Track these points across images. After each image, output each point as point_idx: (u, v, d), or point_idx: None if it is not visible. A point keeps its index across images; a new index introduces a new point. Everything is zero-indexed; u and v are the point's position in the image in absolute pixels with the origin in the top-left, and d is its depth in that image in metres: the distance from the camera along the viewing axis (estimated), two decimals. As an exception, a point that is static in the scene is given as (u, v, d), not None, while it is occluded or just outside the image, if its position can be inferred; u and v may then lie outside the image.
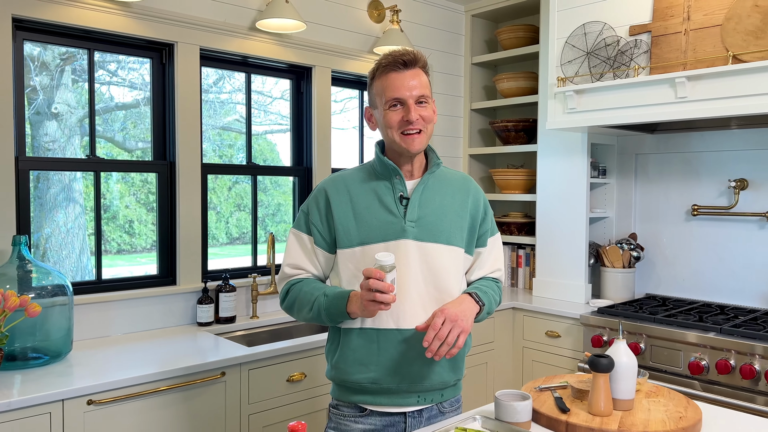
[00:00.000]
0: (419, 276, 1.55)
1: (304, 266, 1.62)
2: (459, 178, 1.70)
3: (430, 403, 1.60)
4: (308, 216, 1.62)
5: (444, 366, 1.58)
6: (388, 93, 1.54)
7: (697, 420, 1.49)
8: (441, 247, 1.58)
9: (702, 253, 3.13)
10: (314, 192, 1.65)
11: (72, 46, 2.46)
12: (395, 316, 1.53)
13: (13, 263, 2.09)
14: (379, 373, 1.54)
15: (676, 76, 2.51)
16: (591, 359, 1.52)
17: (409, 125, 1.53)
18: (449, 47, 3.81)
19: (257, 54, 2.89)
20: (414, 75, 1.54)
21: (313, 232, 1.61)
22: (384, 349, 1.54)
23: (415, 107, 1.54)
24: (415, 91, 1.54)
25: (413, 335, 1.54)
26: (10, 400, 1.72)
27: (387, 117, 1.55)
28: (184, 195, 2.67)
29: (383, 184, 1.60)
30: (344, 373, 1.57)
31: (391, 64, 1.54)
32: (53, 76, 2.46)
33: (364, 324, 1.55)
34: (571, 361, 3.01)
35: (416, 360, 1.54)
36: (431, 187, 1.62)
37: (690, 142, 3.17)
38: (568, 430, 1.48)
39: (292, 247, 1.63)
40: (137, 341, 2.39)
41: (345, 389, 1.61)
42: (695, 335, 2.54)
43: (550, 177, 3.39)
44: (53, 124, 2.46)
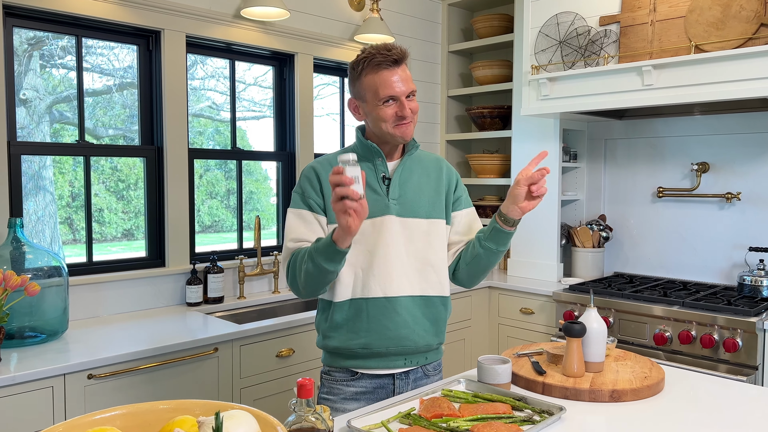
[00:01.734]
0: (402, 248, 1.68)
1: (306, 237, 1.66)
2: (433, 159, 1.82)
3: (416, 365, 1.72)
4: (303, 194, 1.70)
5: (428, 330, 1.71)
6: (383, 91, 1.62)
7: (660, 379, 1.64)
8: (421, 221, 1.71)
9: (666, 233, 3.31)
10: (304, 174, 1.73)
11: (60, 32, 2.50)
12: (383, 286, 1.65)
13: (9, 245, 2.15)
14: (368, 339, 1.66)
15: (643, 64, 2.66)
16: (565, 325, 1.66)
17: (403, 120, 1.64)
18: (427, 35, 3.91)
19: (241, 41, 2.95)
20: (403, 71, 1.64)
21: (312, 206, 1.68)
22: (373, 316, 1.65)
23: (407, 102, 1.64)
24: (406, 87, 1.64)
25: (400, 302, 1.67)
26: (15, 374, 1.79)
27: (381, 112, 1.64)
28: (172, 179, 2.74)
29: (366, 165, 1.70)
30: (336, 340, 1.68)
31: (383, 62, 1.61)
32: (21, 61, 2.45)
33: (355, 295, 1.66)
34: (544, 336, 3.17)
35: (403, 325, 1.67)
36: (409, 168, 1.74)
37: (656, 128, 3.33)
38: (544, 390, 1.62)
39: (293, 224, 1.69)
40: (130, 320, 2.47)
41: (336, 355, 1.71)
42: (660, 309, 2.72)
43: (524, 161, 3.53)
44: (21, 110, 2.46)
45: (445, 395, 1.55)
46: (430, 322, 1.72)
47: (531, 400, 1.49)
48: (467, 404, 1.48)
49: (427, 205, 1.73)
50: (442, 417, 1.40)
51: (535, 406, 1.47)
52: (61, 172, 2.64)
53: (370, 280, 1.65)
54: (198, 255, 2.93)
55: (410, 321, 1.67)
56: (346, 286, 1.67)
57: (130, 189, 2.79)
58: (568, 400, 1.58)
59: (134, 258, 2.72)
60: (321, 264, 1.52)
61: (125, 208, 2.79)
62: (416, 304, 1.69)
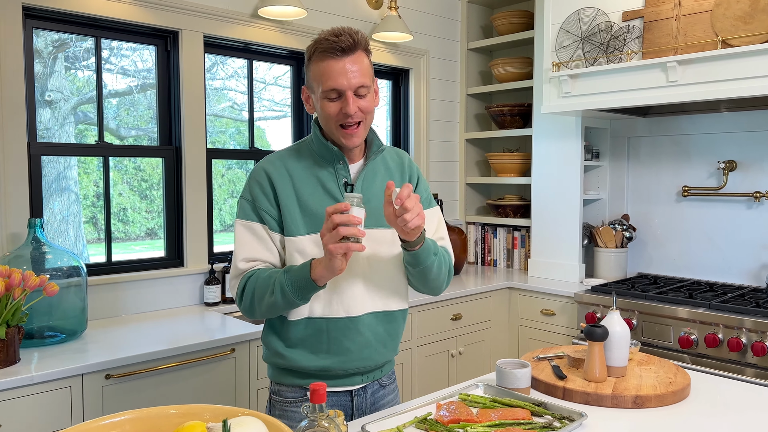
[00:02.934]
0: (366, 262, 1.52)
1: (260, 257, 1.49)
2: (394, 155, 1.65)
3: (372, 380, 1.60)
4: (255, 203, 1.50)
5: (388, 346, 1.58)
6: (326, 82, 1.42)
7: (686, 384, 1.59)
8: (386, 231, 1.54)
9: (692, 232, 3.23)
10: (254, 177, 1.53)
11: (79, 33, 2.51)
12: (346, 306, 1.49)
13: (29, 245, 2.16)
14: (328, 361, 1.51)
15: (668, 60, 2.59)
16: (587, 329, 1.61)
17: (347, 118, 1.44)
18: (445, 33, 3.87)
19: (259, 41, 2.95)
20: (353, 61, 1.43)
21: (265, 219, 1.49)
22: (334, 338, 1.50)
23: (353, 99, 1.43)
24: (354, 80, 1.42)
25: (362, 321, 1.52)
26: (33, 374, 1.80)
27: (324, 107, 1.46)
28: (191, 179, 2.74)
29: (325, 169, 1.52)
30: (290, 360, 1.52)
31: (327, 50, 1.42)
32: (46, 63, 2.48)
33: (313, 314, 1.49)
34: (566, 338, 3.12)
35: (365, 345, 1.53)
36: (373, 171, 1.57)
37: (681, 125, 3.25)
38: (565, 395, 1.58)
39: (243, 240, 1.50)
40: (148, 320, 2.47)
41: (288, 373, 1.55)
42: (685, 311, 2.65)
43: (544, 160, 3.47)
44: (47, 111, 2.50)
45: (463, 400, 1.52)
46: (391, 337, 1.59)
47: (551, 406, 1.45)
48: (485, 409, 1.45)
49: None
50: (460, 422, 1.37)
51: (555, 411, 1.44)
52: (86, 172, 2.67)
53: (333, 299, 1.49)
54: (216, 255, 2.93)
55: (372, 340, 1.53)
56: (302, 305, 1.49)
57: (152, 188, 2.81)
58: (590, 405, 1.53)
59: (153, 258, 2.73)
60: (294, 300, 1.40)
61: (148, 208, 2.80)
62: (378, 321, 1.55)
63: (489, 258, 3.92)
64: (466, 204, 4.04)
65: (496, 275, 3.58)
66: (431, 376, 3.00)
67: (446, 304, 3.05)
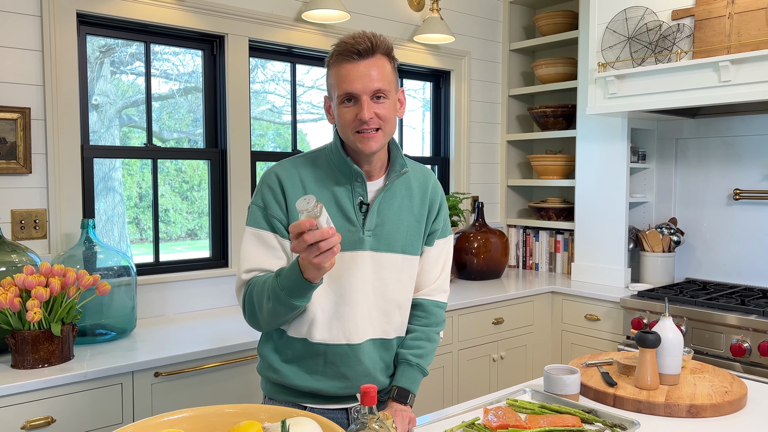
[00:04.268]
0: (369, 288, 1.46)
1: (265, 266, 1.42)
2: (419, 176, 1.56)
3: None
4: (266, 210, 1.44)
5: (384, 372, 1.53)
6: (340, 87, 1.37)
7: (742, 394, 1.54)
8: (396, 257, 1.48)
9: (744, 237, 3.13)
10: (265, 181, 1.46)
11: (130, 39, 2.58)
12: (347, 332, 1.44)
13: (82, 245, 2.23)
14: (324, 384, 1.46)
15: (720, 59, 2.52)
16: (638, 335, 1.58)
17: (362, 125, 1.37)
18: (487, 34, 3.84)
19: (302, 44, 2.97)
20: (371, 65, 1.37)
21: (276, 227, 1.43)
22: (331, 362, 1.45)
23: (369, 103, 1.36)
24: (371, 85, 1.36)
25: (362, 349, 1.46)
26: (87, 371, 1.85)
27: (340, 113, 1.39)
28: (235, 181, 2.78)
29: (342, 185, 1.45)
30: (284, 376, 1.47)
31: (343, 53, 1.37)
32: (93, 68, 2.55)
33: (312, 338, 1.43)
34: (611, 344, 3.05)
35: (364, 373, 1.47)
36: (392, 192, 1.50)
37: (732, 126, 3.16)
38: (615, 402, 1.54)
39: (250, 250, 1.43)
40: (194, 320, 2.52)
41: (283, 389, 1.51)
42: (737, 317, 2.57)
43: (589, 162, 3.41)
44: (93, 115, 2.56)
45: (510, 405, 1.50)
46: (386, 364, 1.53)
47: (602, 413, 1.42)
48: (534, 415, 1.43)
49: (404, 238, 1.49)
50: (508, 428, 1.35)
51: (606, 419, 1.41)
52: (130, 173, 2.73)
53: (333, 325, 1.43)
54: (259, 256, 2.96)
55: (371, 368, 1.48)
56: (301, 324, 1.44)
57: (193, 190, 2.86)
58: (642, 413, 1.50)
59: (198, 258, 2.78)
60: (292, 303, 1.31)
61: (189, 209, 2.86)
62: (376, 348, 1.49)
63: (531, 262, 3.87)
64: (507, 206, 4.00)
65: (538, 279, 3.53)
66: (472, 380, 2.98)
67: (488, 308, 3.03)
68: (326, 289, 1.43)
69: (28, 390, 1.75)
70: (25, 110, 2.23)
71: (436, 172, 3.76)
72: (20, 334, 1.83)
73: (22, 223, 2.25)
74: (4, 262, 2.01)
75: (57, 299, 1.90)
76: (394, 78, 1.44)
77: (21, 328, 1.85)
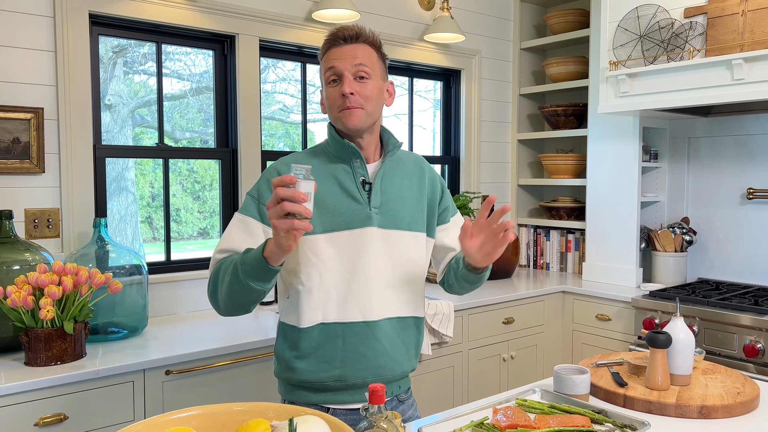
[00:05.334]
0: (381, 264, 1.48)
1: (240, 249, 1.40)
2: (412, 159, 1.62)
3: (390, 395, 1.55)
4: (259, 200, 1.46)
5: (404, 355, 1.54)
6: (325, 65, 1.45)
7: (755, 395, 1.52)
8: (404, 233, 1.52)
9: (757, 237, 3.10)
10: (265, 175, 1.50)
11: (141, 39, 2.60)
12: (362, 309, 1.45)
13: (94, 244, 2.25)
14: (344, 370, 1.46)
15: (733, 57, 2.50)
16: (649, 335, 1.56)
17: (345, 100, 1.41)
18: (498, 33, 3.83)
19: (312, 44, 2.98)
20: (355, 48, 1.44)
21: (264, 217, 1.44)
22: (350, 344, 1.45)
23: (351, 81, 1.42)
24: (353, 61, 1.42)
25: (379, 327, 1.48)
26: (99, 368, 1.87)
27: (327, 95, 1.46)
28: (247, 180, 2.79)
29: (342, 167, 1.49)
30: (304, 373, 1.47)
31: (330, 40, 1.46)
32: (106, 68, 2.57)
33: (327, 319, 1.44)
34: (622, 344, 3.04)
35: (382, 352, 1.48)
36: (390, 171, 1.54)
37: (745, 125, 3.13)
38: (626, 403, 1.53)
39: (232, 232, 1.44)
40: (205, 318, 2.53)
41: (302, 389, 1.50)
42: (750, 318, 2.54)
43: (600, 161, 3.39)
44: (107, 115, 2.58)
45: (520, 405, 1.50)
46: (406, 346, 1.54)
47: (612, 414, 1.42)
48: (543, 415, 1.42)
49: (409, 215, 1.53)
50: (518, 428, 1.34)
51: (616, 419, 1.40)
52: (142, 173, 2.75)
53: (348, 302, 1.44)
54: (270, 255, 2.97)
55: (389, 348, 1.49)
56: (315, 308, 1.44)
57: (205, 189, 2.87)
58: (652, 414, 1.49)
59: (209, 257, 2.80)
60: (248, 282, 1.29)
61: (201, 208, 2.87)
62: (393, 327, 1.51)
63: (541, 261, 3.86)
64: (518, 206, 3.98)
65: (548, 279, 3.51)
66: (482, 379, 2.97)
67: (498, 308, 3.02)
68: (338, 267, 1.45)
69: (41, 387, 1.77)
70: (38, 110, 2.25)
71: (447, 171, 3.75)
72: (33, 332, 1.85)
73: (36, 222, 2.27)
74: (18, 260, 2.03)
75: (69, 297, 1.92)
76: (379, 66, 1.49)
77: (34, 326, 1.87)
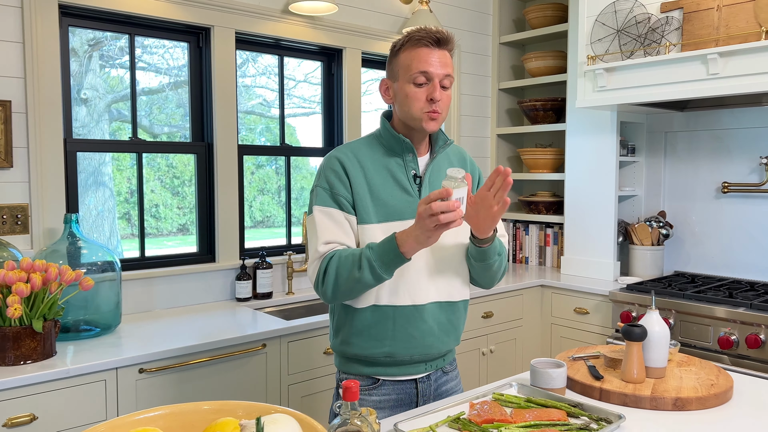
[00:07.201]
0: (431, 253, 1.58)
1: (339, 240, 1.53)
2: (456, 152, 1.71)
3: (436, 368, 1.66)
4: (332, 189, 1.55)
5: (450, 335, 1.64)
6: (416, 65, 1.49)
7: (728, 387, 1.53)
8: None
9: (732, 230, 3.14)
10: (327, 165, 1.58)
11: (114, 31, 2.54)
12: (411, 293, 1.56)
13: (65, 240, 2.20)
14: (393, 348, 1.57)
15: (708, 52, 2.51)
16: (624, 328, 1.57)
17: (433, 104, 1.51)
18: (477, 27, 3.82)
19: (289, 36, 2.94)
20: (444, 55, 1.52)
21: (342, 205, 1.54)
22: (399, 325, 1.56)
23: (439, 89, 1.51)
24: (442, 70, 1.51)
25: (426, 310, 1.57)
26: (69, 367, 1.83)
27: (411, 93, 1.51)
28: (222, 175, 2.76)
29: (394, 160, 1.58)
30: (357, 347, 1.58)
31: (424, 39, 1.50)
32: (81, 62, 2.52)
33: (380, 302, 1.55)
34: (600, 337, 3.06)
35: (429, 333, 1.58)
36: (438, 166, 1.64)
37: (721, 120, 3.16)
38: (602, 396, 1.53)
39: (323, 224, 1.53)
40: (180, 315, 2.49)
41: (355, 362, 1.62)
42: (725, 310, 2.57)
43: (578, 156, 3.40)
44: (83, 109, 2.53)
45: (496, 399, 1.49)
46: (453, 326, 1.64)
47: (588, 407, 1.42)
48: (520, 409, 1.42)
49: None
50: (493, 422, 1.34)
51: (592, 413, 1.40)
52: (119, 168, 2.70)
53: (399, 287, 1.55)
54: (247, 251, 2.94)
55: (436, 329, 1.60)
56: (369, 292, 1.55)
57: (184, 185, 2.83)
58: (628, 407, 1.49)
59: (185, 253, 2.76)
60: (383, 275, 1.44)
61: (180, 204, 2.83)
62: (442, 310, 1.61)
63: (520, 255, 3.87)
64: (497, 200, 3.98)
65: (528, 273, 3.52)
66: (462, 374, 2.97)
67: (477, 302, 3.02)
68: None
69: (10, 387, 1.73)
70: (5, 103, 2.19)
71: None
72: (1, 331, 1.81)
73: (4, 218, 2.22)
74: (-15, 257, 1.98)
75: (38, 295, 1.88)
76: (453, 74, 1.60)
77: (2, 324, 1.82)
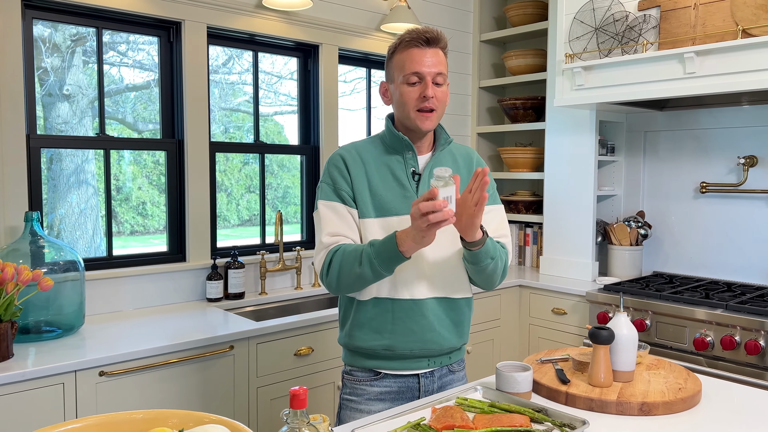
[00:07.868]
0: (429, 249, 1.60)
1: (343, 232, 1.60)
2: (464, 153, 1.75)
3: (439, 365, 1.68)
4: (335, 185, 1.62)
5: (452, 332, 1.66)
6: (408, 67, 1.56)
7: (696, 391, 1.51)
8: None
9: (710, 230, 3.12)
10: (332, 162, 1.66)
11: (80, 24, 2.48)
12: (410, 288, 1.60)
13: (26, 239, 2.13)
14: (392, 340, 1.61)
15: (685, 51, 2.49)
16: (591, 331, 1.54)
17: (425, 101, 1.56)
18: (457, 24, 3.79)
19: (264, 32, 2.89)
20: (434, 53, 1.58)
21: (345, 199, 1.61)
22: (398, 318, 1.60)
23: (432, 86, 1.57)
24: (434, 68, 1.56)
25: (426, 305, 1.61)
26: (24, 370, 1.77)
27: (404, 92, 1.58)
28: (193, 172, 2.70)
29: (395, 158, 1.64)
30: (358, 339, 1.64)
31: (414, 40, 1.57)
32: (64, 57, 2.47)
33: (380, 294, 1.60)
34: (577, 337, 3.03)
35: (428, 328, 1.62)
36: (438, 162, 1.67)
37: (699, 119, 3.14)
38: (567, 400, 1.50)
39: (327, 217, 1.61)
40: (148, 316, 2.44)
41: (358, 355, 1.67)
42: (701, 311, 2.55)
43: (558, 155, 3.38)
44: (65, 105, 2.48)
45: (460, 404, 1.45)
46: (455, 324, 1.67)
47: (552, 412, 1.38)
48: (482, 415, 1.38)
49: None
50: (454, 429, 1.30)
51: (555, 418, 1.36)
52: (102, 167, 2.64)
53: (398, 283, 1.60)
54: (219, 250, 2.89)
55: (435, 324, 1.63)
56: (371, 285, 1.60)
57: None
58: (593, 412, 1.46)
59: (154, 252, 2.70)
60: (382, 272, 1.50)
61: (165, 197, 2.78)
62: (441, 307, 1.64)
63: (500, 255, 3.84)
64: (478, 199, 3.95)
65: (506, 273, 3.49)
66: (438, 375, 2.93)
67: (454, 302, 2.98)
68: None
69: (-40, 391, 1.67)
70: (-36, 97, 2.12)
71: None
72: (-47, 333, 1.75)
73: (-38, 216, 2.15)
74: (-60, 256, 1.92)
75: (-7, 295, 1.82)
76: (447, 70, 1.65)
77: (-46, 325, 1.76)
